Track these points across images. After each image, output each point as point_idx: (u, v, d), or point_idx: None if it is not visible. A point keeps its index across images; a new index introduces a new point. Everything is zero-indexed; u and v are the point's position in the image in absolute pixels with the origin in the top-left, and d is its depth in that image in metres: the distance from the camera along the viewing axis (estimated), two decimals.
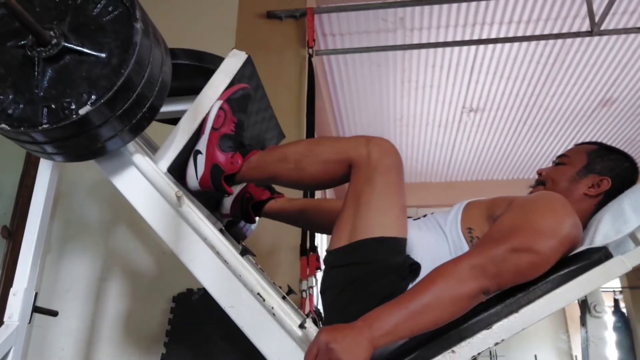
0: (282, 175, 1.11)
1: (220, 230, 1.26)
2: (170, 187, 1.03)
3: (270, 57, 2.38)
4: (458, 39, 3.35)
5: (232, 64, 1.20)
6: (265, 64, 2.35)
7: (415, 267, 0.96)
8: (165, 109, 1.21)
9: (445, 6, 3.07)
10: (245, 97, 1.20)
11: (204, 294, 1.87)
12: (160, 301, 1.95)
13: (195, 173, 1.13)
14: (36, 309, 1.14)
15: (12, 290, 1.10)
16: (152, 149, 1.30)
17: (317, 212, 1.35)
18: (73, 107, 0.85)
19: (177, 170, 1.12)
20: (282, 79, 2.33)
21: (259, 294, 0.94)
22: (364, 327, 0.79)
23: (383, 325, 0.79)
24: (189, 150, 1.13)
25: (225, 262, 0.97)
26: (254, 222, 1.40)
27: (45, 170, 1.18)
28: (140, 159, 1.04)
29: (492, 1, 2.93)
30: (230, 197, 1.31)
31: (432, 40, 3.39)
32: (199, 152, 1.13)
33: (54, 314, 1.25)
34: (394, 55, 3.57)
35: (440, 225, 1.06)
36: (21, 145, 0.94)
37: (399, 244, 0.96)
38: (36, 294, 1.14)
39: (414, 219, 1.11)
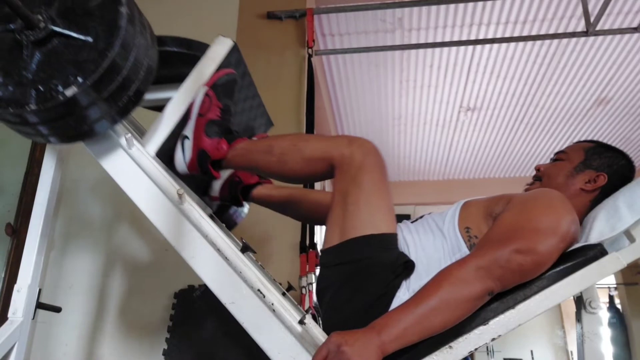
0: (264, 166, 1.12)
1: (210, 216, 1.26)
2: (172, 185, 1.03)
3: (270, 57, 2.38)
4: (455, 39, 3.36)
5: (217, 50, 1.20)
6: (265, 64, 2.36)
7: (409, 265, 0.97)
8: (155, 96, 1.23)
9: (442, 7, 3.08)
10: (230, 82, 1.20)
11: (205, 290, 1.90)
12: (162, 297, 1.96)
13: (183, 157, 1.15)
14: (40, 305, 1.15)
15: (16, 287, 1.10)
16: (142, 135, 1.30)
17: (303, 202, 1.36)
18: (60, 88, 0.86)
19: (166, 155, 1.14)
20: (282, 79, 2.34)
21: (259, 290, 0.94)
22: (374, 333, 0.80)
23: (392, 331, 0.80)
24: (176, 136, 1.15)
25: (226, 258, 0.97)
26: (242, 205, 1.40)
27: (48, 168, 1.18)
28: (127, 141, 1.04)
29: (488, 2, 2.94)
30: (220, 181, 1.32)
31: (430, 41, 3.40)
32: (186, 137, 1.15)
33: (57, 309, 1.26)
34: (392, 55, 3.58)
35: (437, 225, 1.06)
36: (11, 127, 0.96)
37: (389, 239, 0.97)
38: (40, 290, 1.14)
39: (412, 222, 1.11)
